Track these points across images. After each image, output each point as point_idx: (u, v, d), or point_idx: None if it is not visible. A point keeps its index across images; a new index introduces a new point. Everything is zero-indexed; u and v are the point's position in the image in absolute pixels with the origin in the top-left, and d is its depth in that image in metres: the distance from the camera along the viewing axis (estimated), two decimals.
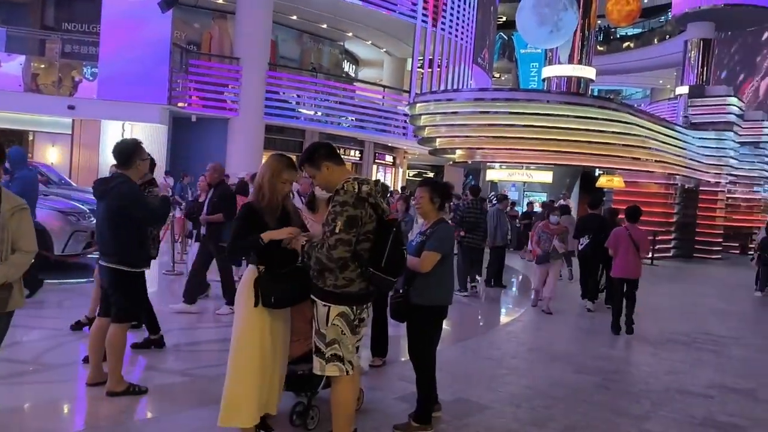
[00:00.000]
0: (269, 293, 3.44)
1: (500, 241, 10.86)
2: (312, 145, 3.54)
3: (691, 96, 21.27)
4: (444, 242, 4.02)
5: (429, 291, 4.02)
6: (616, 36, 40.66)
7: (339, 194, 3.24)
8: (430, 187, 4.18)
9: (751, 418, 4.83)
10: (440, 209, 4.18)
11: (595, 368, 5.99)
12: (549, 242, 8.60)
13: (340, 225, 3.16)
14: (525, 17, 17.82)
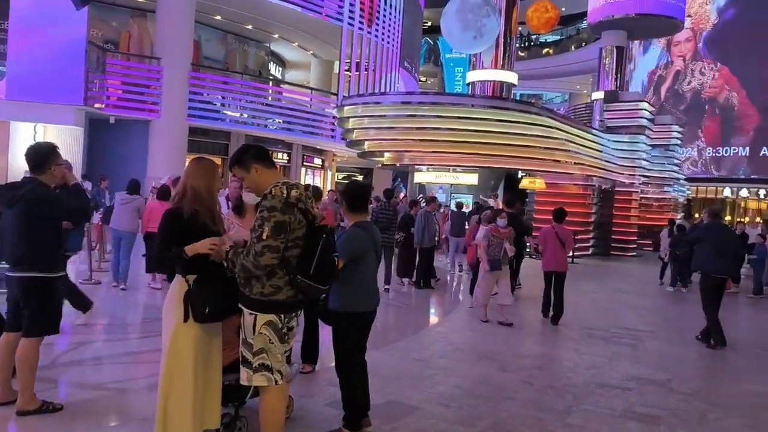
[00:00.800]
0: (201, 307, 3.33)
1: (428, 242, 11.01)
2: (242, 146, 3.46)
3: (606, 101, 22.33)
4: (344, 248, 3.90)
5: (342, 297, 3.98)
6: (536, 42, 42.12)
7: (267, 199, 3.16)
8: (347, 193, 4.20)
9: (667, 408, 5.09)
10: (363, 211, 4.17)
11: (519, 365, 6.16)
12: (499, 247, 8.15)
13: (267, 231, 3.08)
14: (449, 23, 18.14)
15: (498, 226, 8.31)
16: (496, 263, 8.13)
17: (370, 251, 4.06)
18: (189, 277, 3.37)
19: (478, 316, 8.33)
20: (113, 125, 17.53)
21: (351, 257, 3.93)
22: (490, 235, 8.19)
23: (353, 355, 4.06)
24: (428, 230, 11.02)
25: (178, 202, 3.47)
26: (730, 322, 10.15)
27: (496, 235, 8.20)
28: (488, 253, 8.11)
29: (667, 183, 23.23)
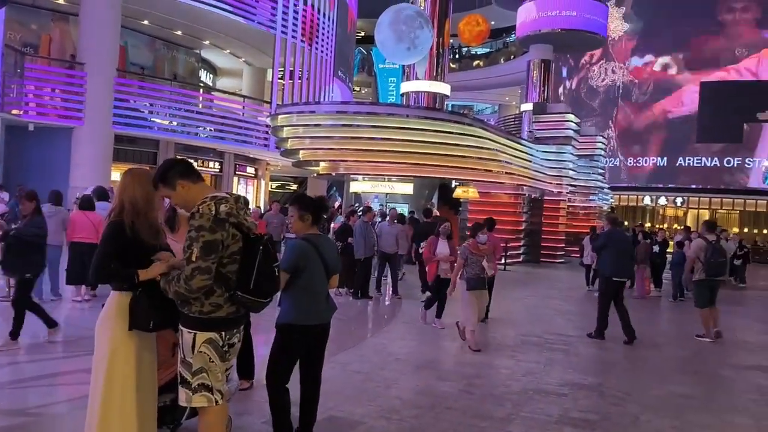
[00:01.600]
0: (147, 317, 3.17)
1: (367, 252, 11.02)
2: (165, 162, 3.27)
3: (534, 112, 23.06)
4: (287, 260, 3.83)
5: (283, 310, 3.89)
6: (467, 55, 43.09)
7: (194, 218, 3.00)
8: (299, 205, 4.04)
9: (600, 412, 5.25)
10: (315, 223, 4.06)
11: (458, 374, 6.21)
12: (478, 264, 7.41)
13: (196, 252, 2.94)
14: (383, 34, 18.29)
15: (478, 241, 7.63)
16: (476, 282, 7.41)
17: (316, 263, 3.95)
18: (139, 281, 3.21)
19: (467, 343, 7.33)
20: (33, 133, 16.67)
21: (292, 269, 3.84)
22: (468, 252, 7.48)
23: (286, 373, 3.94)
24: (367, 240, 11.03)
25: (115, 216, 3.29)
26: (654, 325, 10.65)
27: (476, 252, 7.50)
28: (467, 272, 7.40)
29: (592, 192, 24.17)
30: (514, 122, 27.13)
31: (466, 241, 7.67)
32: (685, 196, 35.55)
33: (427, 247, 8.82)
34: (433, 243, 8.78)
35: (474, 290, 7.38)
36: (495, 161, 17.79)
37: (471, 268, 7.42)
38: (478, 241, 7.63)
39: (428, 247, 8.79)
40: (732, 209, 35.02)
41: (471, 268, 7.42)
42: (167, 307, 3.17)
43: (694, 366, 7.28)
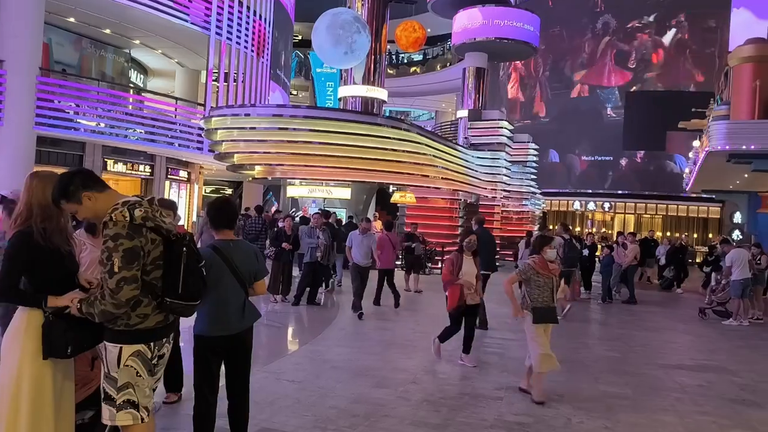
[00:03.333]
0: (64, 342, 2.92)
1: (311, 257, 10.89)
2: (62, 177, 2.97)
3: (470, 119, 23.44)
4: None
5: (195, 320, 3.76)
6: (404, 61, 43.46)
7: (108, 227, 2.80)
8: (207, 209, 3.97)
9: (534, 415, 5.30)
10: (224, 228, 3.92)
11: (394, 380, 6.16)
12: (547, 288, 5.78)
13: (117, 263, 2.75)
14: (320, 37, 18.16)
15: (546, 258, 5.87)
16: (549, 312, 5.75)
17: (223, 273, 3.77)
18: (47, 308, 2.96)
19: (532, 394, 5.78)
20: None
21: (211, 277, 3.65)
22: (532, 272, 5.78)
23: (208, 384, 3.80)
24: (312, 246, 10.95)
25: (22, 223, 3.04)
26: (585, 327, 10.94)
27: (544, 272, 5.76)
28: (532, 298, 5.76)
29: (525, 197, 24.75)
30: (450, 128, 27.49)
31: (530, 257, 6.02)
32: (612, 202, 36.96)
33: (448, 266, 6.93)
34: (456, 261, 6.90)
35: (542, 323, 5.72)
36: (432, 166, 17.93)
37: (537, 292, 5.72)
38: (546, 258, 5.86)
39: (449, 265, 6.91)
40: (656, 214, 36.69)
41: (537, 292, 5.72)
42: (87, 327, 2.95)
43: (623, 366, 7.50)
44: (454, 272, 6.78)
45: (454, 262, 6.85)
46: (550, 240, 6.12)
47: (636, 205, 36.75)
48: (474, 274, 6.93)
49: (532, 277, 5.78)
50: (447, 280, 6.85)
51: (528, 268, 5.82)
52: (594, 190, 37.20)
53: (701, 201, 34.07)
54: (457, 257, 6.92)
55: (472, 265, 6.94)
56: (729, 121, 15.53)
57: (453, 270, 6.79)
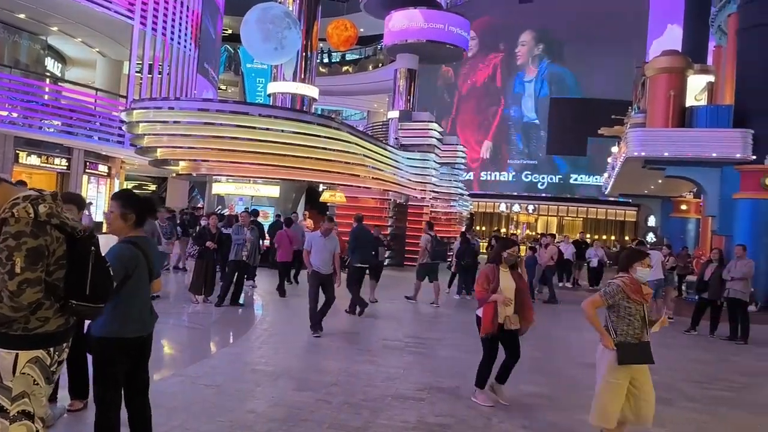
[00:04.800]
0: None
1: (236, 256, 10.60)
2: None
3: (400, 120, 23.55)
4: (114, 267, 3.32)
5: (106, 320, 3.42)
6: (337, 60, 43.28)
7: (9, 224, 2.57)
8: (122, 201, 3.59)
9: (456, 415, 5.30)
10: (138, 226, 3.63)
11: (316, 383, 6.03)
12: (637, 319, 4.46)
13: (20, 263, 2.52)
14: (249, 32, 17.75)
15: (637, 277, 4.51)
16: (641, 350, 4.41)
17: (143, 269, 3.59)
18: None
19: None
20: None
21: (120, 276, 3.43)
22: (621, 294, 4.43)
23: (115, 390, 3.55)
24: (238, 245, 10.70)
25: None
26: None
27: (636, 297, 4.42)
28: (616, 329, 4.47)
29: (453, 198, 25.10)
30: (381, 129, 27.53)
31: (618, 277, 4.54)
32: (536, 204, 38.13)
33: (482, 281, 5.74)
34: (491, 275, 5.73)
35: (629, 364, 4.38)
36: (362, 166, 17.88)
37: (626, 323, 4.43)
38: (637, 277, 4.51)
39: (483, 280, 5.73)
40: (576, 216, 38.14)
41: (626, 323, 4.43)
42: None
43: (544, 365, 7.65)
44: (489, 289, 5.65)
45: (490, 276, 5.70)
46: (644, 255, 4.64)
47: (558, 208, 38.10)
48: (513, 291, 5.68)
49: (621, 302, 4.42)
50: (481, 297, 5.68)
51: (616, 290, 4.43)
52: (519, 193, 38.29)
53: (618, 205, 35.67)
54: (492, 271, 5.72)
55: (511, 280, 5.73)
56: (645, 128, 16.24)
57: (488, 286, 5.66)
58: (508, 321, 5.64)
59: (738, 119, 15.04)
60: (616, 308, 4.45)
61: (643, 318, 4.45)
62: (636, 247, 4.85)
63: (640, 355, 4.40)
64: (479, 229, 35.07)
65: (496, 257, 5.81)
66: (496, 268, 5.74)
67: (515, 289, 5.66)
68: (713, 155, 15.02)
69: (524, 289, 5.78)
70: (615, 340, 4.41)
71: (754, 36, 15.46)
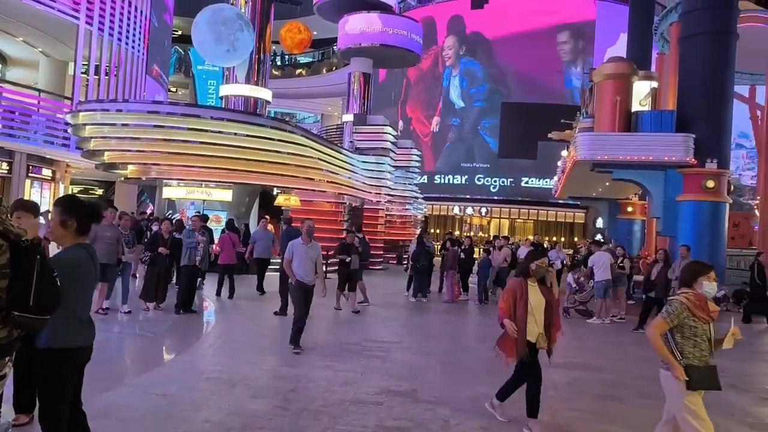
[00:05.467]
0: None
1: (189, 261, 10.37)
2: None
3: (355, 123, 23.55)
4: (68, 273, 3.21)
5: (54, 330, 3.25)
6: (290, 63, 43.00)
7: None
8: (62, 207, 3.42)
9: (414, 419, 5.32)
10: (81, 233, 3.45)
11: (273, 389, 5.96)
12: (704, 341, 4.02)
13: None
14: (201, 33, 17.47)
15: (704, 292, 4.09)
16: (707, 375, 4.02)
17: (91, 276, 3.48)
18: None
19: None
20: None
21: (70, 282, 3.25)
22: (686, 312, 4.01)
23: (63, 404, 3.38)
24: (193, 250, 10.47)
25: None
26: (462, 328, 11.26)
27: (702, 316, 4.02)
28: (683, 352, 4.01)
29: (408, 201, 25.24)
30: (336, 132, 27.49)
31: (681, 293, 4.11)
32: (489, 207, 38.70)
33: (507, 297, 5.19)
34: (518, 291, 5.15)
35: (700, 389, 4.01)
36: (317, 169, 17.79)
37: (691, 344, 4.02)
38: (704, 292, 4.09)
39: (509, 297, 5.17)
40: (527, 218, 38.89)
41: (691, 344, 4.02)
42: None
43: (499, 366, 7.71)
44: (517, 307, 5.07)
45: (518, 293, 5.11)
46: (709, 269, 4.16)
47: (510, 210, 38.78)
48: (542, 307, 5.11)
49: (687, 321, 4.00)
50: (505, 313, 5.14)
51: (680, 308, 4.00)
52: (472, 196, 38.80)
53: (568, 207, 36.53)
54: (521, 286, 5.14)
55: (540, 295, 5.15)
56: (593, 133, 16.70)
57: (513, 303, 5.09)
58: (541, 340, 5.10)
59: (680, 124, 15.63)
60: (680, 328, 4.02)
61: (709, 339, 4.04)
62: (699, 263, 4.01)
63: (709, 380, 3.99)
64: (433, 231, 35.33)
65: (523, 270, 5.22)
66: (524, 282, 5.16)
67: (545, 304, 5.13)
68: (657, 159, 15.56)
69: (554, 305, 5.22)
70: (681, 362, 3.99)
71: (694, 44, 16.12)
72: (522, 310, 5.06)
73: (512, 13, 37.70)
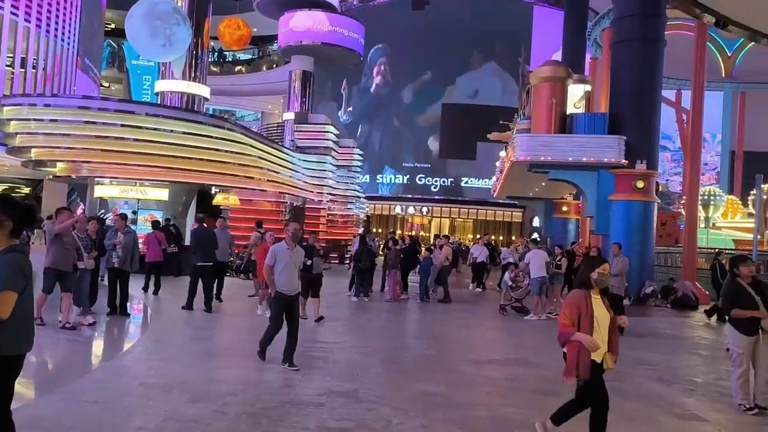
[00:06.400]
0: None
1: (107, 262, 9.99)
2: None
3: (296, 122, 23.35)
4: (10, 278, 3.08)
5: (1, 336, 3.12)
6: (230, 59, 42.19)
7: None
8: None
9: (356, 419, 5.29)
10: (14, 235, 3.27)
11: (212, 393, 5.81)
12: None
13: None
14: (135, 27, 16.91)
15: None
16: None
17: (31, 280, 3.31)
18: None
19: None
20: None
21: (20, 288, 3.13)
22: None
23: (7, 411, 3.23)
24: (134, 253, 10.19)
25: None
26: (403, 327, 11.33)
27: None
28: None
29: (350, 201, 25.21)
30: (276, 130, 27.16)
31: None
32: (430, 206, 39.14)
33: (568, 313, 4.47)
34: (582, 305, 4.48)
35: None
36: (257, 168, 17.53)
37: None
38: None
39: (571, 312, 4.46)
40: (467, 218, 39.57)
41: None
42: None
43: (440, 364, 7.83)
44: (579, 322, 4.41)
45: (582, 307, 4.45)
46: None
47: (451, 210, 39.35)
48: (607, 323, 4.53)
49: None
50: (565, 331, 4.44)
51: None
52: (413, 195, 39.15)
53: (506, 206, 37.36)
54: (584, 299, 4.49)
55: (605, 309, 4.55)
56: (530, 134, 17.13)
57: (576, 318, 4.43)
58: (608, 359, 4.48)
59: (612, 126, 16.23)
60: None
61: None
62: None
63: None
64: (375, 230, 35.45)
65: (585, 281, 4.55)
66: (588, 295, 4.51)
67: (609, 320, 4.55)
68: (591, 160, 16.10)
69: (614, 320, 4.61)
70: None
71: (625, 49, 16.76)
72: (587, 326, 4.38)
73: None
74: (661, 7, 16.66)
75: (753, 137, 30.91)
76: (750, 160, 30.18)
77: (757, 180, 14.65)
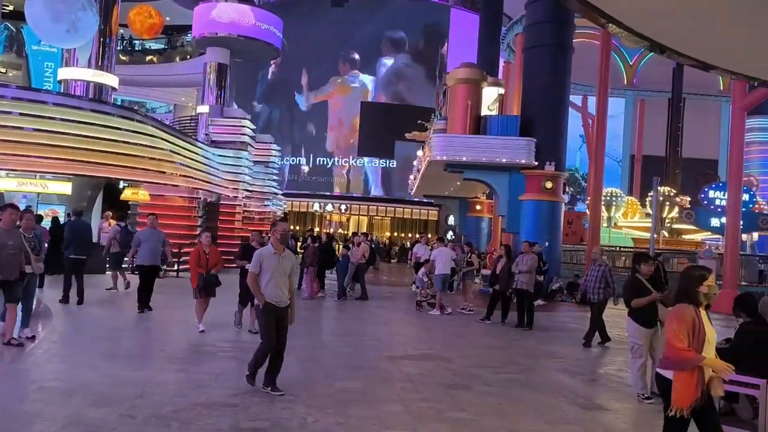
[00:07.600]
0: None
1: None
2: None
3: (211, 115, 22.71)
4: None
5: None
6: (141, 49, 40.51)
7: None
8: None
9: (270, 418, 5.22)
10: None
11: (118, 396, 5.56)
12: None
13: None
14: (37, 11, 15.90)
15: None
16: None
17: None
18: None
19: None
20: None
21: None
22: None
23: None
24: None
25: None
26: (320, 324, 11.31)
27: None
28: None
29: (267, 197, 24.81)
30: (190, 124, 26.31)
31: None
32: (348, 204, 39.20)
33: (683, 332, 3.79)
34: (697, 323, 3.84)
35: None
36: (169, 162, 16.92)
37: None
38: None
39: (686, 330, 3.79)
40: (385, 215, 39.97)
41: None
42: None
43: (356, 361, 7.86)
44: (693, 344, 3.77)
45: (697, 326, 3.80)
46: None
47: (369, 207, 39.59)
48: (715, 343, 4.02)
49: None
50: (689, 357, 3.75)
51: None
52: (332, 193, 39.09)
53: (423, 205, 38.00)
54: (693, 315, 3.84)
55: (712, 328, 3.95)
56: (446, 134, 17.50)
57: (692, 340, 3.77)
58: (716, 386, 3.81)
59: (523, 128, 16.84)
60: None
61: None
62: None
63: None
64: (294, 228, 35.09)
65: (693, 295, 3.89)
66: (698, 312, 3.87)
67: None
68: (503, 161, 16.65)
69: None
70: None
71: (536, 55, 17.44)
72: (699, 346, 3.78)
73: None
74: (570, 16, 17.44)
75: (650, 142, 33.07)
76: (648, 163, 32.37)
77: (654, 182, 15.64)
